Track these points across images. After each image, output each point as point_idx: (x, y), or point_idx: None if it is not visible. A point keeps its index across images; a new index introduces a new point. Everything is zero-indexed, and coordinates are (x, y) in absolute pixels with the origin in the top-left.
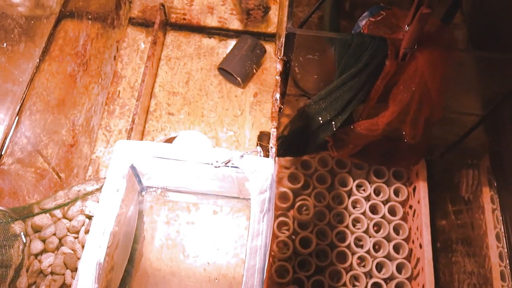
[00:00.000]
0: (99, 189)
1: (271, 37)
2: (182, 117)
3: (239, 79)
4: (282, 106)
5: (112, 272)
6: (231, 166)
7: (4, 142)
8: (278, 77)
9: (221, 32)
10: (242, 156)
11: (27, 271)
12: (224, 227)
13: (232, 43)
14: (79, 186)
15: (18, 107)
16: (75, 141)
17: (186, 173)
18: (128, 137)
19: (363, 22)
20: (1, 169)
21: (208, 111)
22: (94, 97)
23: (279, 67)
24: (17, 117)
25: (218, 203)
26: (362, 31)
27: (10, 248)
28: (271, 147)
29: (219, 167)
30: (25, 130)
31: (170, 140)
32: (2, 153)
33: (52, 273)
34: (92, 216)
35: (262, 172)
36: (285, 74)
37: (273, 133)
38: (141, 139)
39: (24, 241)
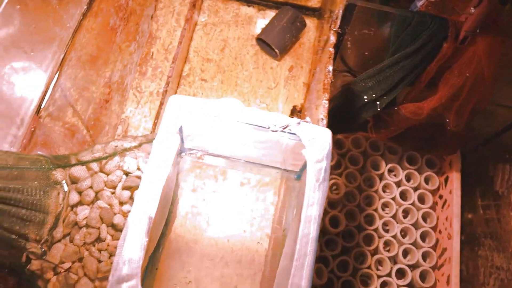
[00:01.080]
0: (137, 147)
1: (311, 11)
2: (215, 85)
3: (277, 51)
4: (333, 80)
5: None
6: (288, 132)
7: (46, 90)
8: (331, 49)
9: (261, 2)
10: (299, 123)
11: (63, 221)
12: (250, 199)
13: (271, 13)
14: (116, 142)
15: (63, 55)
16: (110, 97)
17: (232, 137)
18: (162, 100)
19: (421, 2)
20: (39, 117)
21: (242, 80)
22: (130, 55)
23: (333, 39)
24: (60, 65)
25: (246, 175)
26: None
27: (51, 195)
28: (322, 119)
29: (276, 131)
30: (63, 81)
31: None
32: (45, 101)
33: (87, 225)
34: (130, 172)
35: (320, 141)
36: (336, 47)
37: (325, 105)
38: None
39: (66, 189)
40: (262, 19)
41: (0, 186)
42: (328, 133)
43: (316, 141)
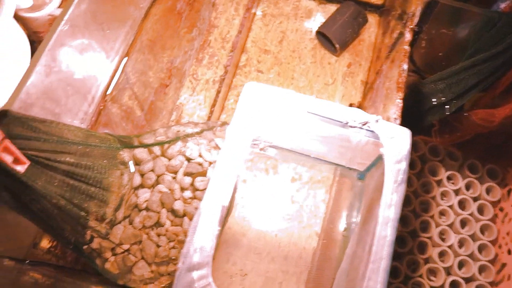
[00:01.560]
0: (199, 133)
1: (374, 7)
2: (271, 77)
3: (337, 45)
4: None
5: None
6: (367, 129)
7: (116, 70)
8: (407, 47)
9: None
10: (377, 121)
11: (126, 202)
12: (301, 195)
13: (331, 8)
14: (178, 127)
15: (133, 37)
16: (169, 82)
17: (300, 130)
18: (219, 88)
19: (505, 4)
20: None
21: (299, 74)
22: (191, 42)
23: (408, 36)
24: (131, 46)
25: (298, 170)
26: None
27: (115, 175)
28: (395, 118)
29: (355, 127)
30: (128, 63)
31: None
32: (114, 81)
33: (147, 209)
34: (192, 159)
35: (399, 141)
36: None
37: (399, 104)
38: (227, 93)
39: (132, 170)
40: (322, 13)
41: (72, 162)
42: (407, 133)
43: (395, 140)
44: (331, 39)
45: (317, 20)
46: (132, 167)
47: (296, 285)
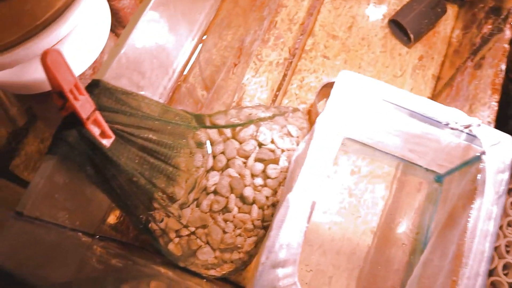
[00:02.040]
0: (271, 118)
1: None
2: (338, 64)
3: (412, 36)
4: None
5: None
6: (468, 133)
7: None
8: (507, 45)
9: None
10: (479, 125)
11: (198, 185)
12: (359, 189)
13: None
14: (250, 110)
15: (214, 14)
16: (238, 61)
17: (382, 124)
18: (286, 72)
19: None
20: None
21: (367, 63)
22: (261, 20)
23: (508, 34)
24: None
25: (357, 163)
26: None
27: (194, 156)
28: (490, 122)
29: (455, 129)
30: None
31: (329, 85)
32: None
33: (215, 192)
34: (264, 144)
35: (502, 148)
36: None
37: (494, 107)
38: (291, 77)
39: (209, 152)
40: (396, 1)
41: (155, 140)
42: (511, 140)
43: (498, 148)
44: (406, 29)
45: (391, 7)
46: (209, 148)
47: (346, 281)
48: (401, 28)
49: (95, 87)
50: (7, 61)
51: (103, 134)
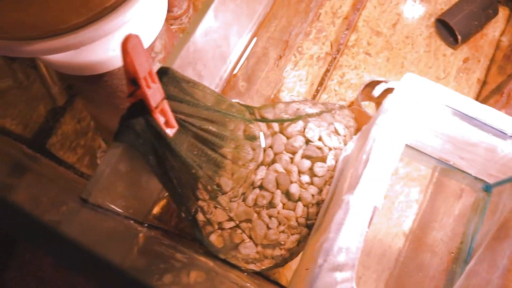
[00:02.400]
0: (318, 114)
1: None
2: (380, 61)
3: (459, 37)
4: None
5: None
6: None
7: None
8: None
9: None
10: None
11: (248, 179)
12: (393, 191)
13: None
14: (298, 104)
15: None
16: (283, 53)
17: (435, 129)
18: (325, 66)
19: None
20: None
21: (409, 63)
22: (308, 13)
23: None
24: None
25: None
26: None
27: (242, 149)
28: None
29: None
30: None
31: (372, 84)
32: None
33: (261, 187)
34: (311, 141)
35: None
36: None
37: None
38: (332, 72)
39: (263, 146)
40: (444, 0)
41: (214, 131)
42: None
43: None
44: (454, 30)
45: (438, 6)
46: (263, 142)
47: (375, 283)
48: (448, 28)
49: (164, 74)
50: (71, 42)
51: (167, 124)
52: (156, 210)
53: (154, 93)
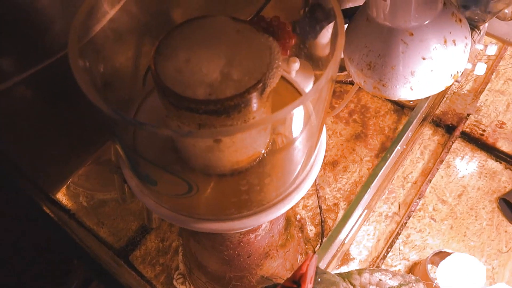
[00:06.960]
0: (404, 285)
1: None
2: (443, 228)
3: None
4: None
5: None
6: None
7: None
8: None
9: (510, 161)
10: None
11: None
12: None
13: None
14: (380, 274)
15: None
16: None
17: None
18: (395, 226)
19: None
20: None
21: (472, 233)
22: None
23: None
24: None
25: None
26: None
27: None
28: None
29: None
30: None
31: (441, 255)
32: None
33: None
34: None
35: None
36: None
37: None
38: (399, 232)
39: None
40: (507, 178)
41: None
42: None
43: None
44: None
45: (500, 184)
46: None
47: None
48: (510, 207)
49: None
50: (238, 227)
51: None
52: None
53: None
